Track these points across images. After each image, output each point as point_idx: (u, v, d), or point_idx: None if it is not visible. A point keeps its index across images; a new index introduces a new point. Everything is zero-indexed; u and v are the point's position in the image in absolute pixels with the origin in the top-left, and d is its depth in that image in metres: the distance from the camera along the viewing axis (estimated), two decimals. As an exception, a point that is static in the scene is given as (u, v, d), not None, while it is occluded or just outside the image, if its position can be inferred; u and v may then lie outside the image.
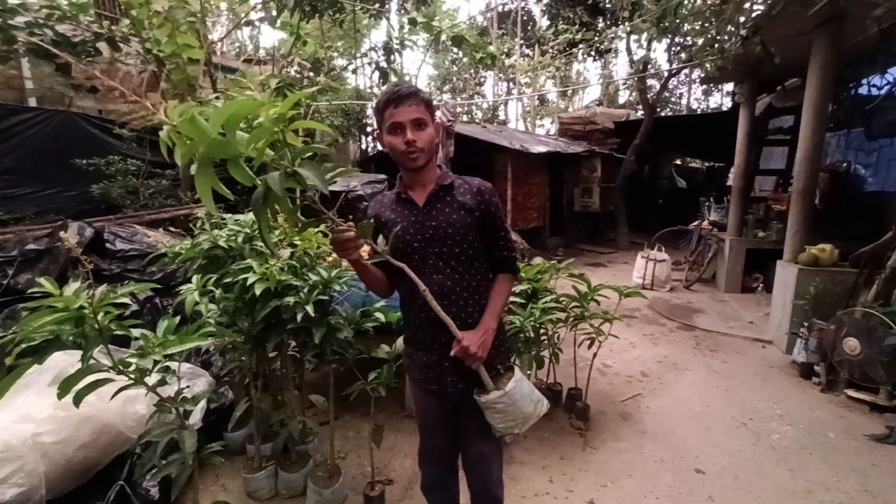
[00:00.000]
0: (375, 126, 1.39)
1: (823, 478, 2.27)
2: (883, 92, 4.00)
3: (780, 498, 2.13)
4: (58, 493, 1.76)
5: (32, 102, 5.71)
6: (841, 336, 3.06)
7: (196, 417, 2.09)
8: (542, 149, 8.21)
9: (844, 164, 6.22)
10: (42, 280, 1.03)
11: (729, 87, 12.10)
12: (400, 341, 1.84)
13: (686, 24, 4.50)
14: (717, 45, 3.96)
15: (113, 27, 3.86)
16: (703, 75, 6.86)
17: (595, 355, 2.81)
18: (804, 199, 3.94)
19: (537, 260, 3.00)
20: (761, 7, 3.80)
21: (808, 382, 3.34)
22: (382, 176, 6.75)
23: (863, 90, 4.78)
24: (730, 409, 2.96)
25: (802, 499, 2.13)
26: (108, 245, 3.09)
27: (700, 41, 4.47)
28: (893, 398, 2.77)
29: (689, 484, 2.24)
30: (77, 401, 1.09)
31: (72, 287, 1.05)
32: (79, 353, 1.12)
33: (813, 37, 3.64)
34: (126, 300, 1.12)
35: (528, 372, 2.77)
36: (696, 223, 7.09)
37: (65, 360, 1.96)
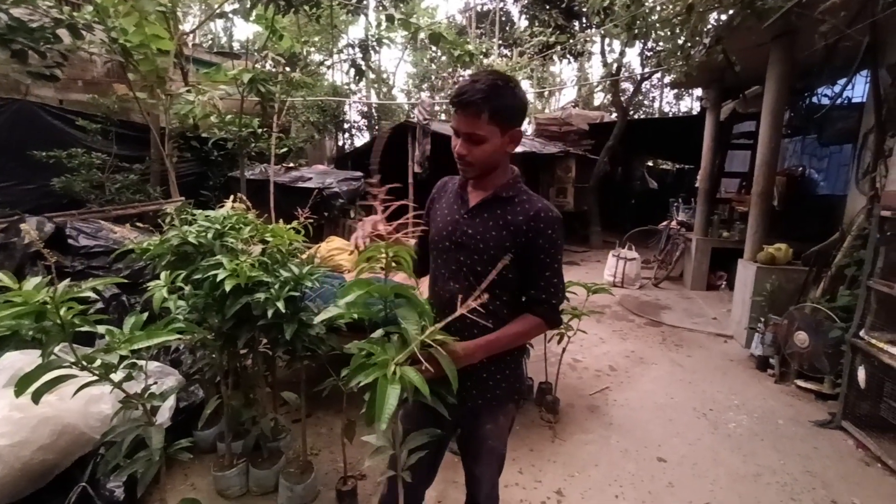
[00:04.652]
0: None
1: (771, 462, 2.43)
2: (830, 102, 4.27)
3: (733, 482, 2.27)
4: (13, 498, 1.69)
5: (-16, 91, 5.41)
6: (792, 330, 3.26)
7: (165, 416, 2.05)
8: (518, 149, 8.32)
9: (800, 169, 6.59)
10: (0, 274, 1.01)
11: (699, 92, 12.56)
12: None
13: (655, 31, 4.67)
14: (683, 52, 4.13)
15: (75, 13, 3.69)
16: (673, 79, 7.12)
17: (564, 350, 2.90)
18: (762, 201, 4.17)
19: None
20: (725, 17, 3.99)
21: (763, 374, 3.54)
22: (359, 173, 6.72)
23: (816, 100, 5.08)
24: (691, 401, 3.11)
25: (752, 482, 2.28)
26: (70, 241, 2.97)
27: (669, 47, 4.65)
28: (836, 387, 2.98)
29: (651, 472, 2.35)
30: (36, 398, 1.07)
31: (32, 281, 1.03)
32: (36, 352, 1.09)
33: (770, 48, 3.85)
34: (90, 294, 1.10)
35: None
36: (665, 223, 7.36)
37: (21, 361, 1.89)
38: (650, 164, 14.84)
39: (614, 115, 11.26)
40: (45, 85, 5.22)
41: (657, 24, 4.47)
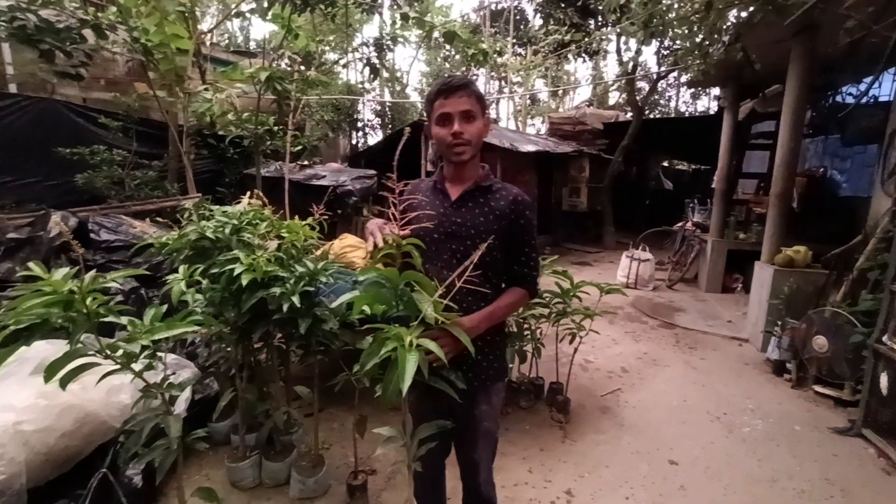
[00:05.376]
0: (425, 117, 1.36)
1: (788, 467, 2.38)
2: (856, 101, 4.15)
3: (747, 486, 2.23)
4: (38, 482, 1.75)
5: (13, 88, 5.58)
6: (811, 334, 3.18)
7: (181, 407, 2.10)
8: (531, 148, 8.28)
9: (821, 170, 6.42)
10: (31, 265, 1.05)
11: (716, 91, 12.33)
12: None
13: (672, 29, 4.60)
14: (700, 50, 4.06)
15: (99, 14, 3.79)
16: (689, 78, 7.01)
17: (576, 350, 2.88)
18: (781, 202, 4.08)
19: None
20: (745, 13, 3.92)
21: (779, 379, 3.47)
22: (372, 171, 6.75)
23: (839, 98, 4.95)
24: (705, 404, 3.06)
25: (767, 486, 2.23)
26: (92, 235, 3.06)
27: (687, 45, 4.58)
28: (856, 393, 2.90)
29: (663, 474, 2.32)
30: (63, 384, 1.11)
31: (60, 272, 1.07)
32: (61, 342, 1.13)
33: (791, 45, 3.76)
34: (115, 284, 1.14)
35: (511, 365, 2.84)
36: (680, 224, 7.24)
37: (47, 350, 1.95)
38: (665, 164, 14.63)
39: (629, 114, 11.12)
40: (69, 84, 5.37)
41: (674, 22, 4.40)
